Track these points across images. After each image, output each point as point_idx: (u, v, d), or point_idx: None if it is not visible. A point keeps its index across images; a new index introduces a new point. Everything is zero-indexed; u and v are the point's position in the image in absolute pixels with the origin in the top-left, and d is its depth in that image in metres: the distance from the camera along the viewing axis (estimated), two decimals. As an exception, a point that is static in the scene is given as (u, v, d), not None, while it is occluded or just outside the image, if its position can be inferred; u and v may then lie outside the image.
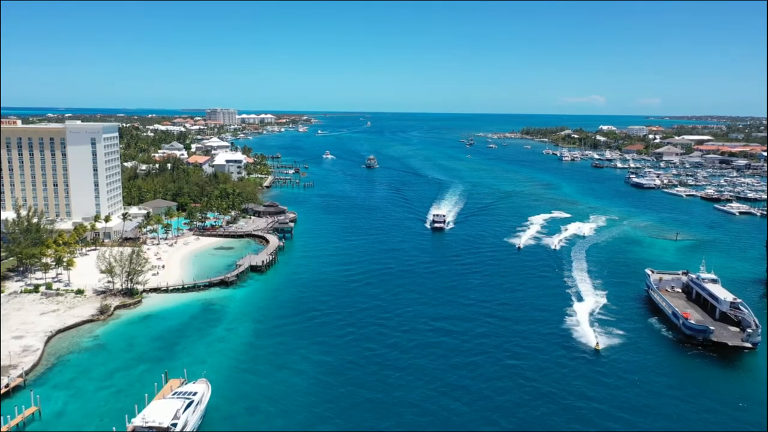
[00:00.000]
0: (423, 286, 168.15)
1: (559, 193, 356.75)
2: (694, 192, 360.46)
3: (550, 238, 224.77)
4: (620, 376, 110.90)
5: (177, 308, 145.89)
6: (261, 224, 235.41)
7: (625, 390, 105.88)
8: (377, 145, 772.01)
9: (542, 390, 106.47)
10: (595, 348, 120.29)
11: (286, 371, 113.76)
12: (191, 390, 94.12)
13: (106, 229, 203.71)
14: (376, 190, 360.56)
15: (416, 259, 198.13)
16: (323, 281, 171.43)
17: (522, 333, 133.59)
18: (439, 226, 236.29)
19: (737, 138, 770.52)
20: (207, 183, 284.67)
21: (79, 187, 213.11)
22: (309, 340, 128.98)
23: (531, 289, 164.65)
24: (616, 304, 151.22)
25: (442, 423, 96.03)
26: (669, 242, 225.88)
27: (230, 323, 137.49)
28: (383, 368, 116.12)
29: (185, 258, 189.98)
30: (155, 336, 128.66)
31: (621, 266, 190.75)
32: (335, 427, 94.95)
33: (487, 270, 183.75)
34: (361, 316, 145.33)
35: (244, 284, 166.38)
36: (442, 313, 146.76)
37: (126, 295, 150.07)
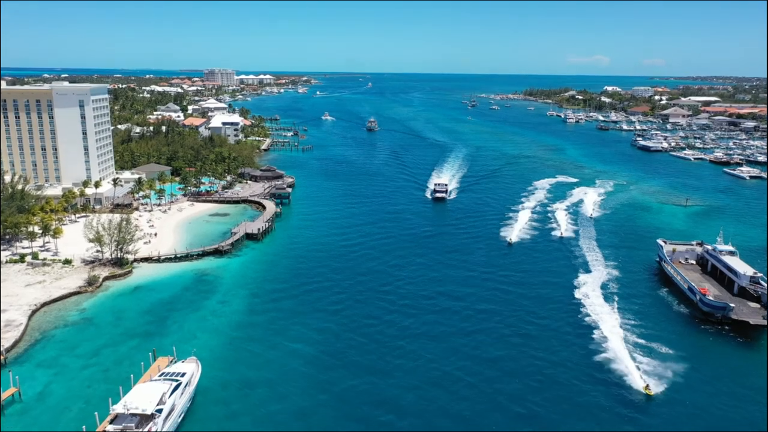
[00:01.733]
0: (424, 256, 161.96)
1: (564, 156, 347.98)
2: (703, 155, 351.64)
3: (556, 206, 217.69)
4: (634, 356, 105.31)
5: (169, 279, 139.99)
6: (258, 189, 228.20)
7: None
8: (378, 106, 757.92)
9: (549, 371, 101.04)
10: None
11: (282, 348, 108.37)
12: (179, 371, 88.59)
13: (96, 195, 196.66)
14: (377, 154, 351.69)
15: (417, 227, 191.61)
16: (321, 250, 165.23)
17: (528, 307, 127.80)
18: (440, 196, 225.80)
19: (744, 99, 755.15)
20: (202, 146, 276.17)
21: (67, 151, 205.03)
22: (306, 314, 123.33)
23: (537, 262, 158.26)
24: (627, 275, 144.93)
25: (445, 406, 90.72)
26: (679, 208, 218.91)
27: (224, 295, 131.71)
28: (383, 345, 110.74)
29: (179, 225, 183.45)
30: (145, 309, 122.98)
31: (630, 234, 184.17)
32: (333, 410, 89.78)
33: (492, 239, 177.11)
34: (360, 287, 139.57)
35: (239, 253, 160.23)
36: (444, 284, 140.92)
37: (115, 265, 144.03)
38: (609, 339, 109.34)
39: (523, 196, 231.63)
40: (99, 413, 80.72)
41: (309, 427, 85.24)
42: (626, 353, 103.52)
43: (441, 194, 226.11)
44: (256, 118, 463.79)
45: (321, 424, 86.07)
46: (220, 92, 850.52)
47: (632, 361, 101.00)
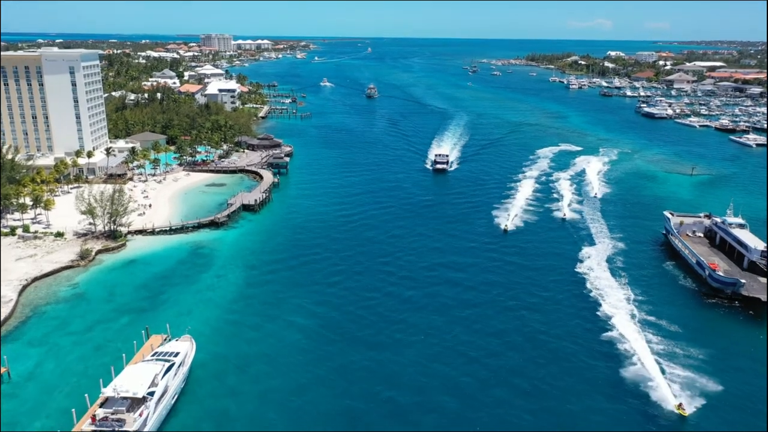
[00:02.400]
0: (425, 225, 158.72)
1: (567, 123, 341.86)
2: (708, 122, 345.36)
3: (559, 175, 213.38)
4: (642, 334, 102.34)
5: (163, 252, 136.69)
6: (255, 159, 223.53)
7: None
8: (377, 72, 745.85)
9: (553, 345, 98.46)
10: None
11: (280, 323, 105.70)
12: (173, 350, 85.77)
13: (89, 165, 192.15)
14: (376, 122, 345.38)
15: (417, 198, 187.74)
16: (320, 221, 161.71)
17: (531, 279, 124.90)
18: (441, 168, 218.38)
19: (749, 64, 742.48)
20: (198, 114, 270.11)
21: (59, 119, 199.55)
22: (305, 287, 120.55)
23: (540, 233, 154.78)
24: (632, 248, 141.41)
25: (447, 382, 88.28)
26: (684, 177, 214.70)
27: (220, 269, 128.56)
28: (383, 319, 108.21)
29: (174, 196, 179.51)
30: (139, 284, 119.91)
31: (635, 205, 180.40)
32: (331, 388, 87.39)
33: (494, 211, 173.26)
34: (359, 258, 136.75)
35: (235, 225, 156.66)
36: (445, 255, 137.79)
37: (109, 237, 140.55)
38: (614, 315, 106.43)
39: (525, 166, 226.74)
40: (89, 395, 78.11)
41: (307, 405, 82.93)
42: (633, 331, 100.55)
43: (442, 165, 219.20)
44: (253, 85, 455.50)
45: (319, 401, 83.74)
46: (216, 58, 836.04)
47: (642, 340, 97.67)
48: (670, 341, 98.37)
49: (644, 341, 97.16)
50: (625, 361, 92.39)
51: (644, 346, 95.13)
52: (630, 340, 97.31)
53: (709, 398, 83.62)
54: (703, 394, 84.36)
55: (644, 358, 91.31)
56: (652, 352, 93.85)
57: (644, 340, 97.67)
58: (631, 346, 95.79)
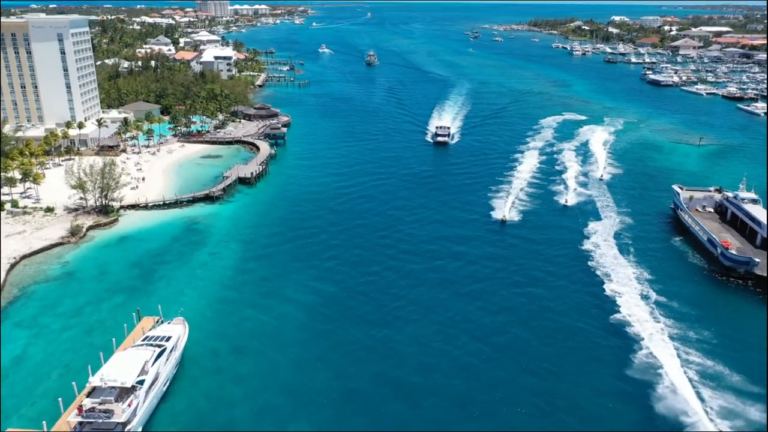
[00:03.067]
0: (427, 198, 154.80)
1: (571, 91, 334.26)
2: (715, 90, 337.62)
3: (563, 145, 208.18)
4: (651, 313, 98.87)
5: (157, 228, 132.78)
6: (251, 129, 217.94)
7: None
8: (377, 38, 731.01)
9: (559, 325, 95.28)
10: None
11: (277, 302, 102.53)
12: (164, 334, 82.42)
13: (80, 137, 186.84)
14: (376, 90, 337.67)
15: (418, 170, 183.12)
16: (318, 194, 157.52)
17: (536, 253, 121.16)
18: (442, 140, 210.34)
19: (756, 29, 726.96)
20: (193, 83, 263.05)
21: (48, 89, 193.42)
22: (303, 263, 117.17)
23: (545, 204, 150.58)
24: (639, 223, 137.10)
25: (451, 364, 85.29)
26: (692, 148, 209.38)
27: (215, 246, 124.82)
28: (384, 294, 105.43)
29: (168, 168, 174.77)
30: (131, 262, 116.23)
31: (641, 176, 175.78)
32: (333, 368, 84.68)
33: (495, 185, 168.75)
34: (359, 231, 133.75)
35: (231, 199, 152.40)
36: (448, 229, 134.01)
37: (100, 213, 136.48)
38: (623, 294, 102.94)
39: (529, 137, 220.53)
40: (77, 382, 74.83)
41: (306, 388, 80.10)
42: (643, 311, 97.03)
43: (443, 138, 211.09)
44: (250, 52, 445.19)
45: (319, 385, 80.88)
46: (213, 24, 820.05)
47: (652, 322, 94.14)
48: (682, 323, 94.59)
49: (654, 322, 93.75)
50: (634, 345, 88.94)
51: (655, 328, 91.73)
52: (640, 321, 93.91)
53: (724, 385, 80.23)
54: (717, 382, 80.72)
55: (654, 342, 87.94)
56: (663, 334, 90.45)
57: (654, 321, 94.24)
58: (641, 327, 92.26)
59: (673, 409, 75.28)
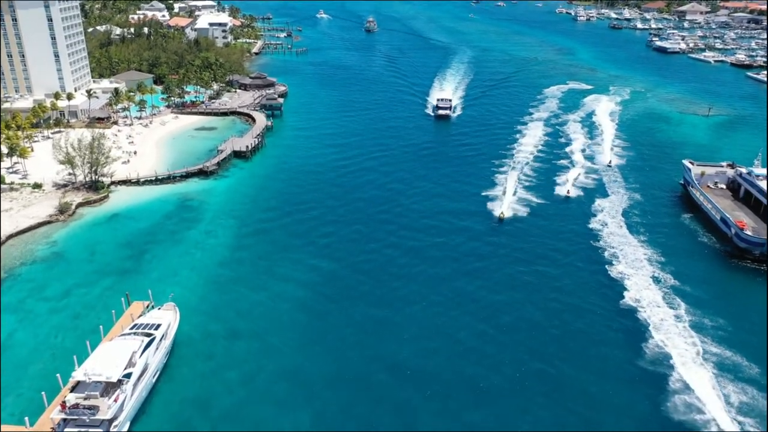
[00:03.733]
0: (430, 169, 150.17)
1: (576, 59, 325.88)
2: (723, 57, 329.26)
3: (569, 116, 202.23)
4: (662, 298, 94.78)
5: (148, 205, 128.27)
6: (247, 99, 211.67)
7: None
8: (377, 3, 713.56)
9: (567, 311, 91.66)
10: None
11: (274, 283, 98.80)
12: (154, 321, 78.64)
13: (70, 108, 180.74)
14: (375, 58, 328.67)
15: (418, 140, 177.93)
16: (316, 168, 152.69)
17: (541, 232, 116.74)
18: (444, 114, 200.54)
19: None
20: (187, 51, 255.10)
21: (36, 58, 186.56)
22: (300, 241, 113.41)
23: (551, 180, 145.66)
24: (648, 200, 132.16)
25: (455, 349, 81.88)
26: (700, 118, 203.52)
27: (209, 224, 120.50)
28: (385, 275, 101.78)
29: (161, 141, 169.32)
30: (122, 242, 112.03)
31: (648, 148, 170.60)
32: (331, 352, 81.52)
33: (498, 159, 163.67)
34: (359, 205, 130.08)
35: (226, 174, 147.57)
36: (452, 205, 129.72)
37: (90, 189, 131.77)
38: (631, 276, 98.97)
39: (533, 108, 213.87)
40: (63, 374, 71.36)
41: (304, 377, 76.87)
42: (654, 296, 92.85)
43: (444, 111, 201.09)
44: (246, 18, 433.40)
45: (318, 374, 77.64)
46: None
47: (665, 307, 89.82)
48: (695, 309, 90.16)
49: (667, 307, 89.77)
50: (645, 331, 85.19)
51: (666, 313, 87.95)
52: (650, 305, 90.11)
53: (742, 377, 76.46)
54: (734, 374, 76.87)
55: (666, 328, 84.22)
56: (675, 320, 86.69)
57: (667, 306, 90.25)
58: (651, 312, 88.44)
59: (687, 402, 71.90)
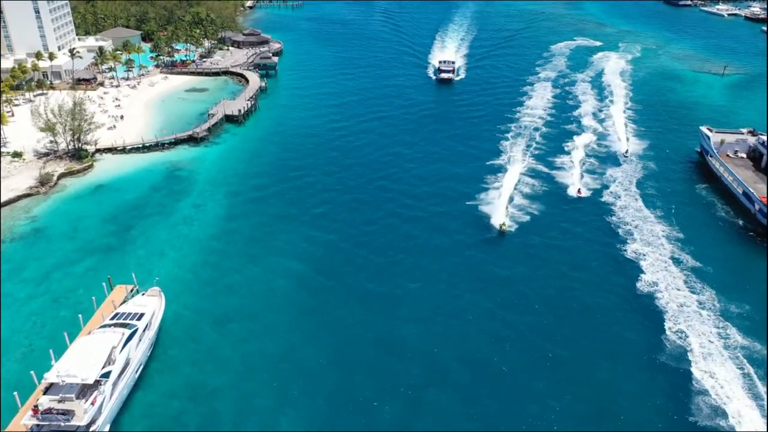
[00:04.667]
0: (431, 132, 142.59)
1: (584, 13, 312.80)
2: (737, 11, 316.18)
3: (577, 76, 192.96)
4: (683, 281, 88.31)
5: (135, 175, 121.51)
6: (240, 58, 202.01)
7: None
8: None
9: (580, 288, 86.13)
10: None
11: (268, 260, 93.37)
12: (137, 310, 72.98)
13: (53, 69, 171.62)
14: (374, 13, 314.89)
15: (419, 101, 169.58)
16: (312, 134, 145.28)
17: (551, 206, 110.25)
18: (446, 77, 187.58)
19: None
20: (176, 5, 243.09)
21: (15, 14, 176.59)
22: (295, 216, 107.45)
23: (560, 141, 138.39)
24: (663, 170, 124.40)
25: (457, 346, 76.69)
26: (715, 78, 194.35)
27: (198, 196, 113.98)
28: (383, 256, 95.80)
29: (149, 104, 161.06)
30: (106, 216, 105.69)
31: (661, 111, 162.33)
32: (325, 348, 76.09)
33: (504, 125, 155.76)
34: (358, 171, 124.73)
35: (217, 140, 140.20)
36: (455, 170, 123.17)
37: (73, 158, 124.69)
38: (647, 255, 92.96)
39: (539, 66, 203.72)
40: (38, 369, 65.94)
41: (297, 369, 72.11)
42: (672, 277, 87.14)
43: (447, 74, 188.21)
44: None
45: (311, 365, 72.87)
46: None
47: (685, 290, 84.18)
48: (719, 294, 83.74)
49: (689, 292, 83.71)
50: (663, 319, 79.64)
51: (687, 298, 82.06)
52: (668, 288, 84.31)
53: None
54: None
55: (686, 316, 78.53)
56: (696, 307, 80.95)
57: (689, 290, 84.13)
58: (670, 297, 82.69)
59: (707, 397, 66.99)
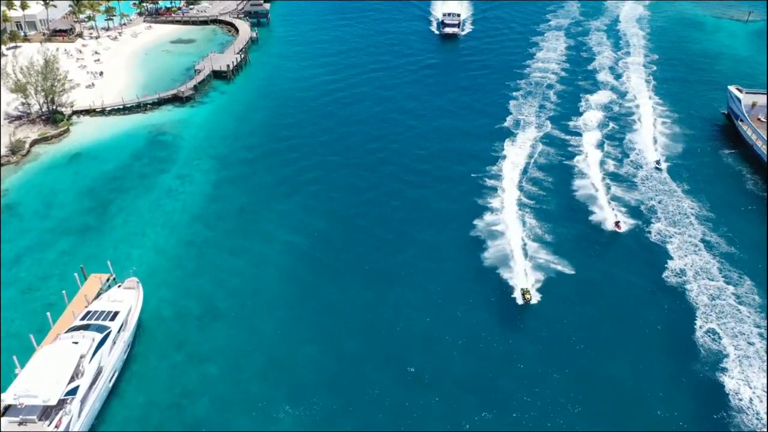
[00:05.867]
0: (434, 94, 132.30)
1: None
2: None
3: (592, 24, 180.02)
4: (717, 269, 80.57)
5: (115, 141, 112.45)
6: (230, 5, 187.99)
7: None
8: None
9: (599, 280, 79.03)
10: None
11: (258, 244, 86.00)
12: (111, 308, 65.73)
13: (26, 18, 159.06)
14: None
15: (421, 55, 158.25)
16: (307, 92, 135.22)
17: (554, 167, 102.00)
18: (451, 32, 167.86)
19: None
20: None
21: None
22: (288, 188, 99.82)
23: (572, 100, 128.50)
24: (687, 136, 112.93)
25: (464, 346, 70.14)
26: (738, 25, 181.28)
27: (184, 165, 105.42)
28: (385, 227, 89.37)
29: (132, 58, 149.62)
30: (83, 190, 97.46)
31: (680, 65, 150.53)
32: (327, 342, 69.93)
33: (513, 83, 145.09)
34: (356, 139, 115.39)
35: (204, 100, 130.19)
36: (462, 140, 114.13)
37: (48, 122, 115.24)
38: (675, 237, 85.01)
39: (550, 13, 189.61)
40: (2, 379, 59.81)
41: (290, 371, 65.96)
42: (702, 261, 79.29)
43: (452, 29, 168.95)
44: None
45: (307, 366, 66.74)
46: None
47: (718, 280, 76.46)
48: (758, 286, 75.97)
49: (723, 282, 75.74)
50: (693, 316, 72.42)
51: (721, 290, 74.21)
52: (698, 273, 76.79)
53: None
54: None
55: (720, 312, 71.06)
56: (732, 301, 73.41)
57: (723, 281, 76.18)
58: (700, 287, 75.07)
59: (741, 405, 60.75)
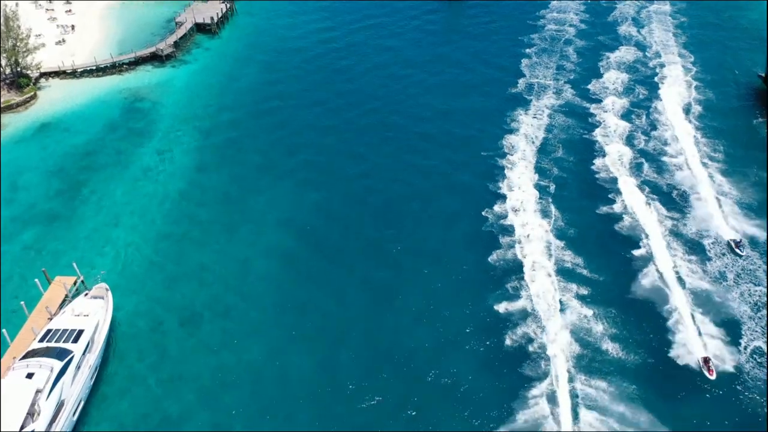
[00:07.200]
0: (442, 46, 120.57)
1: None
2: None
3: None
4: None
5: (87, 109, 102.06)
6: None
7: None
8: None
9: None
10: None
11: (245, 235, 77.43)
12: (75, 326, 57.39)
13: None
14: None
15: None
16: (299, 46, 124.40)
17: (567, 146, 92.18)
18: None
19: None
20: None
21: None
22: (279, 163, 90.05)
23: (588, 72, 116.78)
24: (718, 98, 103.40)
25: (472, 357, 62.43)
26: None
27: (163, 138, 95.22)
28: (389, 212, 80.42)
29: (106, 11, 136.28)
30: (52, 168, 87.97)
31: (711, 37, 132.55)
32: (315, 351, 62.36)
33: (526, 38, 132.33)
34: (353, 99, 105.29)
35: (185, 58, 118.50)
36: (473, 102, 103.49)
37: (12, 86, 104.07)
38: (711, 219, 76.08)
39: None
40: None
41: (278, 396, 58.59)
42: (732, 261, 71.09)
43: None
44: None
45: (296, 381, 59.50)
46: None
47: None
48: None
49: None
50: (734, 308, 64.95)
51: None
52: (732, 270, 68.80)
53: None
54: None
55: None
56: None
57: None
58: (742, 294, 67.08)
59: None
